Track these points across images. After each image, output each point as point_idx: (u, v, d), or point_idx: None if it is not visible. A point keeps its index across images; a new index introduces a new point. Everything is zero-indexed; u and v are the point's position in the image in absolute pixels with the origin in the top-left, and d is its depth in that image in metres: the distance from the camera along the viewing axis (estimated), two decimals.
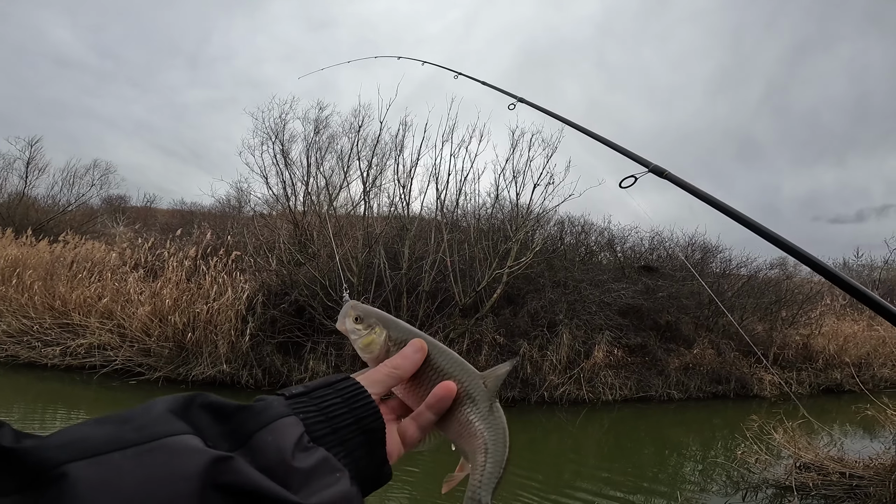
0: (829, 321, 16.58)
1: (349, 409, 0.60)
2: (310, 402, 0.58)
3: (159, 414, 0.48)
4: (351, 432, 0.58)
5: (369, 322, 0.77)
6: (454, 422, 0.73)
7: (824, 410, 12.18)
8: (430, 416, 0.70)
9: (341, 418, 0.58)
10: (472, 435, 0.72)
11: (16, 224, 18.38)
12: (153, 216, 27.85)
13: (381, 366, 0.71)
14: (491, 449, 0.72)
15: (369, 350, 0.76)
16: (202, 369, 10.46)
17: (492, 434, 0.72)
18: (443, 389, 0.71)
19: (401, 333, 0.76)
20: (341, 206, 14.90)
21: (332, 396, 0.60)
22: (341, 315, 0.80)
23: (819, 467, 6.39)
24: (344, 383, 0.62)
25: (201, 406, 0.52)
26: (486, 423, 0.73)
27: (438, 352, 0.75)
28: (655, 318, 14.36)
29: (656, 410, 12.04)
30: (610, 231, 17.20)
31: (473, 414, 0.73)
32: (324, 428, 0.57)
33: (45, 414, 8.55)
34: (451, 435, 0.74)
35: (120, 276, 12.29)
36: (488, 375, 0.76)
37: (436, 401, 0.70)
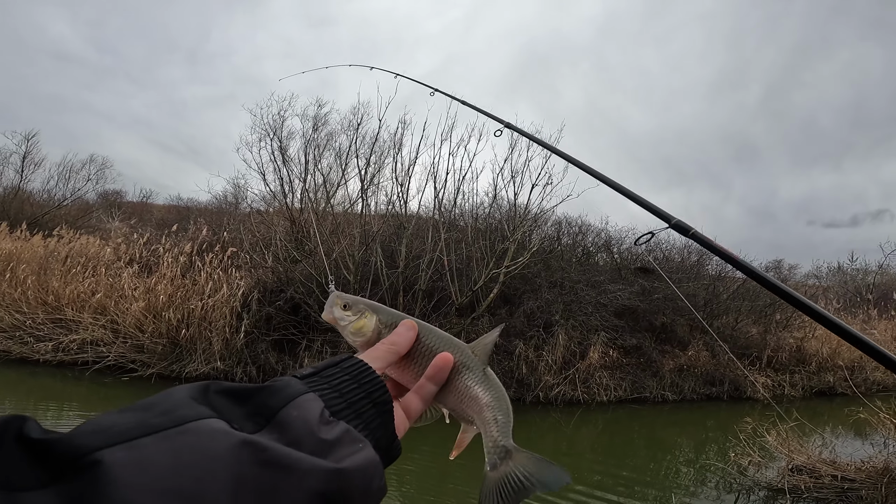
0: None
1: (359, 384, 0.62)
2: (321, 380, 0.60)
3: (181, 399, 0.49)
4: (364, 405, 0.61)
5: (358, 308, 0.81)
6: (453, 391, 0.77)
7: (816, 413, 12.23)
8: (431, 386, 0.75)
9: (353, 393, 0.61)
10: (474, 398, 0.77)
11: (10, 218, 18.23)
12: (149, 211, 27.68)
13: (379, 344, 0.75)
14: (495, 404, 0.77)
15: (361, 333, 0.79)
16: (196, 366, 10.41)
17: (493, 392, 0.78)
18: (441, 360, 0.75)
19: (390, 316, 0.80)
20: (339, 203, 14.89)
21: (341, 374, 0.62)
22: (328, 305, 0.82)
23: (811, 470, 6.41)
24: (349, 362, 0.65)
25: (217, 392, 0.53)
26: (484, 385, 0.77)
27: (427, 330, 0.79)
28: (651, 320, 14.40)
29: (650, 412, 12.06)
30: (607, 232, 17.25)
31: (470, 380, 0.77)
32: (340, 403, 0.59)
33: (36, 410, 8.47)
34: (451, 404, 0.78)
35: (114, 272, 12.23)
36: (476, 345, 0.81)
37: (435, 371, 0.74)
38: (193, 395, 0.51)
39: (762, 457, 7.22)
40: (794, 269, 25.51)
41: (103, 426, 0.44)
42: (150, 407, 0.47)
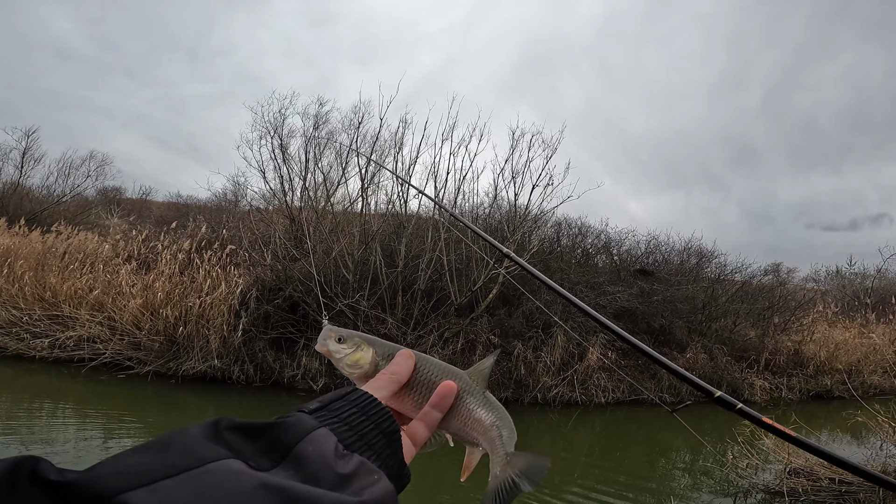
0: (820, 328, 16.69)
1: (367, 416, 0.63)
2: (330, 414, 0.61)
3: (196, 439, 0.49)
4: (374, 436, 0.62)
5: (353, 341, 0.82)
6: (456, 416, 0.80)
7: (814, 416, 12.23)
8: (436, 414, 0.77)
9: (363, 425, 0.62)
10: (477, 421, 0.80)
11: (9, 214, 18.21)
12: (148, 208, 27.68)
13: (380, 374, 0.77)
14: (500, 423, 0.82)
15: (358, 366, 0.80)
16: (193, 364, 10.37)
17: (495, 413, 0.82)
18: (445, 388, 0.77)
19: (386, 348, 0.82)
20: (339, 202, 14.86)
21: (349, 407, 0.63)
22: (322, 338, 0.83)
23: (809, 473, 6.41)
24: (355, 394, 0.65)
25: (228, 428, 0.53)
26: (487, 408, 0.81)
27: (424, 359, 0.81)
28: (649, 322, 14.39)
29: (648, 413, 12.05)
30: (607, 234, 17.25)
31: (472, 404, 0.80)
32: (351, 435, 0.59)
33: (31, 407, 8.44)
34: (454, 428, 0.81)
35: (112, 268, 12.19)
36: (473, 371, 0.84)
37: (440, 399, 0.77)
38: (207, 434, 0.51)
39: (760, 459, 7.21)
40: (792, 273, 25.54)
41: (124, 468, 0.44)
42: (168, 447, 0.47)
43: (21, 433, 7.29)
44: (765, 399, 13.38)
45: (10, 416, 7.96)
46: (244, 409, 9.78)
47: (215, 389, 10.20)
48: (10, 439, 6.97)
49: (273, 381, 10.71)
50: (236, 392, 10.22)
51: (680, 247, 17.49)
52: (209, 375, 10.36)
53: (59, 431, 7.63)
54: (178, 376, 10.27)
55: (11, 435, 7.16)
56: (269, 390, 10.50)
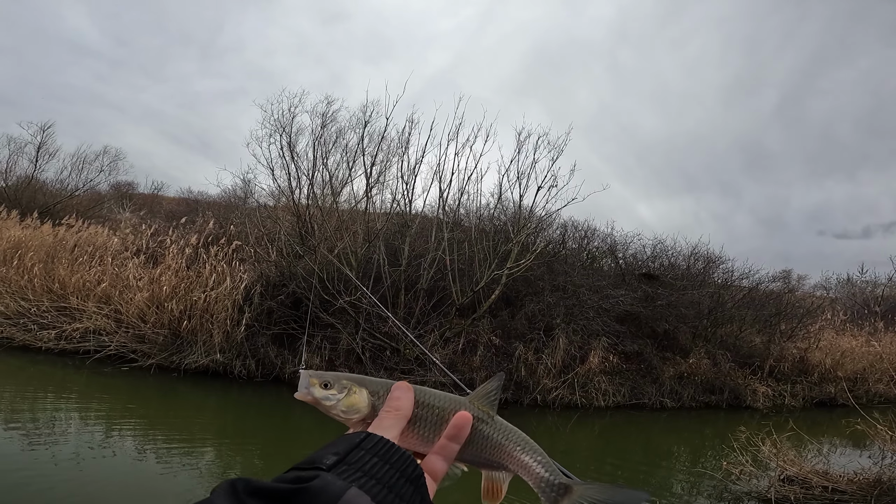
0: (827, 335, 16.51)
1: (391, 465, 0.60)
2: (352, 468, 0.58)
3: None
4: (403, 485, 0.59)
5: (342, 384, 0.77)
6: (471, 444, 0.76)
7: (816, 423, 12.14)
8: (453, 446, 0.74)
9: (389, 475, 0.59)
10: (498, 446, 0.78)
11: (22, 207, 18.49)
12: (159, 203, 27.99)
13: (383, 413, 0.73)
14: (526, 445, 0.79)
15: (355, 410, 0.76)
16: (195, 358, 10.49)
17: (515, 435, 0.79)
18: (461, 419, 0.74)
19: (378, 385, 0.78)
20: (345, 200, 14.94)
21: (370, 457, 0.60)
22: (302, 386, 0.79)
23: (803, 480, 6.36)
24: (371, 441, 0.62)
25: (248, 492, 0.49)
26: (504, 431, 0.79)
27: (422, 391, 0.78)
28: (653, 326, 14.32)
29: (648, 418, 12.00)
30: (613, 237, 17.15)
31: (488, 429, 0.78)
32: (382, 490, 0.56)
33: (35, 398, 8.57)
34: (470, 456, 0.77)
35: (121, 262, 12.35)
36: (476, 395, 0.81)
37: (457, 430, 0.74)
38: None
39: (754, 466, 7.17)
40: (802, 280, 25.33)
41: None
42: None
43: (25, 425, 7.40)
44: (767, 406, 13.27)
45: (13, 407, 8.09)
46: (245, 404, 9.88)
47: (217, 384, 10.30)
48: (14, 431, 7.07)
49: (274, 377, 10.80)
50: (237, 387, 10.33)
51: (687, 251, 17.35)
52: (211, 370, 10.47)
53: (62, 424, 7.72)
54: (180, 370, 10.40)
55: (15, 427, 7.27)
56: (270, 385, 10.59)
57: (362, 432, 0.64)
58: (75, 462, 6.37)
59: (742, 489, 7.03)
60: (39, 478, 5.83)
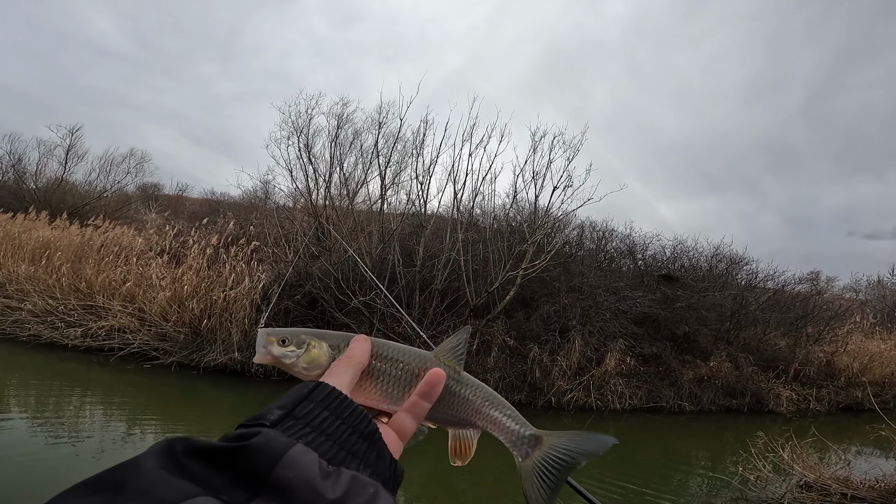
0: (856, 339, 16.03)
1: (341, 419, 0.56)
2: (299, 423, 0.54)
3: (155, 475, 0.42)
4: (355, 442, 0.55)
5: (300, 339, 0.75)
6: (440, 402, 0.74)
7: (841, 429, 11.81)
8: (424, 404, 0.71)
9: (339, 431, 0.55)
10: (465, 401, 0.76)
11: (52, 208, 19.13)
12: (183, 204, 28.62)
13: (337, 361, 0.71)
14: (494, 400, 0.77)
15: (316, 365, 0.73)
16: (215, 356, 10.70)
17: (482, 390, 0.77)
18: (434, 376, 0.72)
19: (339, 339, 0.76)
20: (362, 201, 15.08)
21: (319, 410, 0.56)
22: (259, 345, 0.77)
23: (822, 487, 6.19)
24: (320, 392, 0.58)
25: (187, 453, 0.46)
26: (471, 386, 0.77)
27: (383, 343, 0.76)
28: (673, 329, 14.10)
29: (665, 422, 11.81)
30: (631, 238, 16.92)
31: (456, 386, 0.76)
32: (332, 447, 0.53)
33: (61, 394, 8.85)
34: (438, 414, 0.76)
35: (145, 262, 12.67)
36: (441, 350, 0.78)
37: (430, 388, 0.71)
38: (164, 465, 0.44)
39: (772, 472, 7.01)
40: (831, 282, 24.64)
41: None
42: (122, 486, 0.41)
43: (49, 421, 7.64)
44: (790, 410, 12.94)
45: (39, 402, 8.38)
46: (261, 402, 9.97)
47: (234, 382, 10.49)
48: (38, 427, 7.32)
49: (290, 376, 10.90)
50: (254, 385, 10.50)
51: (709, 252, 17.03)
52: (229, 368, 10.66)
53: (86, 420, 7.97)
54: (199, 368, 10.61)
55: (40, 423, 7.52)
56: (286, 384, 10.66)
57: (312, 382, 0.60)
58: (97, 458, 6.57)
59: (758, 496, 6.89)
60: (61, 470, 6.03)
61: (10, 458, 6.12)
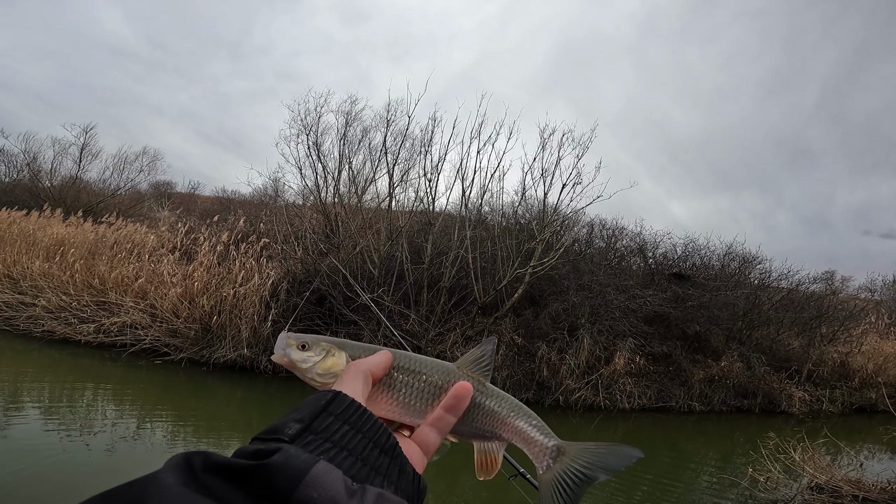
0: (871, 339, 15.78)
1: (362, 433, 0.54)
2: (319, 438, 0.52)
3: (176, 492, 0.40)
4: (377, 457, 0.54)
5: (321, 346, 0.74)
6: (465, 415, 0.73)
7: (854, 430, 11.65)
8: (450, 418, 0.70)
9: (360, 446, 0.53)
10: (491, 414, 0.74)
11: (67, 205, 19.38)
12: (195, 202, 28.89)
13: (346, 367, 0.70)
14: (520, 411, 0.76)
15: (331, 374, 0.72)
16: (224, 352, 10.79)
17: (508, 402, 0.76)
18: (461, 389, 0.70)
19: (361, 350, 0.74)
20: (370, 199, 15.12)
21: (339, 425, 0.54)
22: (279, 347, 0.75)
23: (832, 489, 6.10)
24: (339, 405, 0.56)
25: (206, 469, 0.44)
26: (496, 398, 0.76)
27: (407, 356, 0.75)
28: (684, 328, 13.96)
29: (675, 421, 11.71)
30: (642, 236, 16.77)
31: (481, 398, 0.74)
32: (354, 463, 0.51)
33: (73, 389, 8.97)
34: (464, 428, 0.74)
35: (157, 258, 12.80)
36: (464, 362, 0.77)
37: (455, 401, 0.70)
38: (184, 481, 0.42)
39: (783, 474, 6.92)
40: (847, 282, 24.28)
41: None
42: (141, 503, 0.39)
43: (63, 416, 7.74)
44: (803, 411, 12.78)
45: (53, 398, 8.50)
46: (270, 398, 10.11)
47: (244, 378, 10.57)
48: (51, 422, 7.42)
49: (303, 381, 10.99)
50: (263, 381, 10.57)
51: (721, 251, 16.84)
52: (238, 364, 10.75)
53: (98, 415, 8.08)
54: (209, 364, 10.71)
55: (53, 418, 7.62)
56: (295, 381, 10.59)
57: (329, 391, 0.58)
58: (109, 452, 6.66)
59: (768, 497, 6.80)
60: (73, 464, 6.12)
61: (26, 452, 6.21)
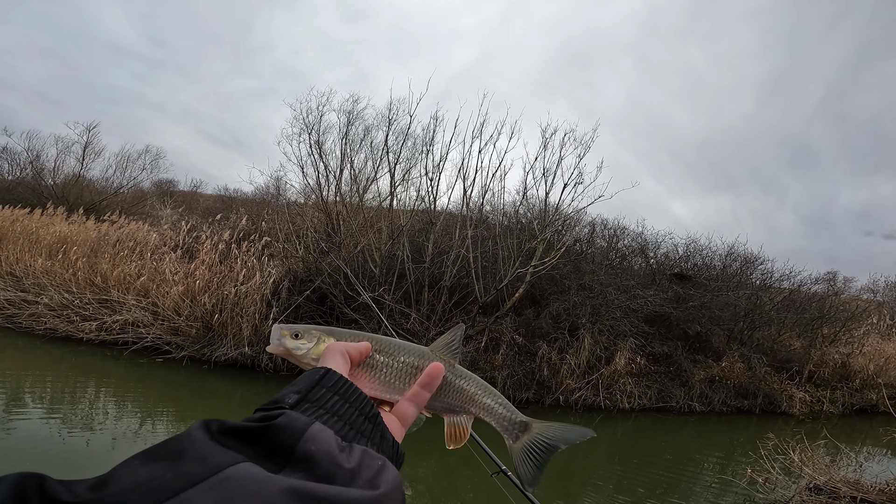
0: (872, 340, 15.75)
1: (349, 402, 0.64)
2: (314, 405, 0.61)
3: (207, 444, 0.48)
4: (361, 422, 0.63)
5: (311, 334, 0.83)
6: (438, 392, 0.83)
7: (854, 431, 11.63)
8: (425, 394, 0.81)
9: (348, 413, 0.62)
10: (460, 391, 0.86)
11: (69, 203, 19.43)
12: (197, 200, 28.89)
13: (328, 348, 0.79)
14: (486, 389, 0.88)
15: None
16: (225, 351, 10.82)
17: (475, 381, 0.87)
18: (434, 369, 0.82)
19: (346, 335, 0.83)
20: (372, 198, 15.13)
21: (331, 395, 0.63)
22: (274, 338, 0.83)
23: (831, 490, 6.10)
24: (330, 379, 0.65)
25: (221, 432, 0.52)
26: (465, 378, 0.87)
27: (386, 340, 0.84)
28: (685, 328, 13.96)
29: (675, 422, 11.71)
30: (643, 236, 16.76)
31: (452, 377, 0.85)
32: (343, 426, 0.60)
33: (75, 387, 9.00)
34: (436, 403, 0.85)
35: (159, 256, 12.83)
36: (438, 346, 0.88)
37: (430, 379, 0.81)
38: (211, 437, 0.50)
39: (781, 474, 6.92)
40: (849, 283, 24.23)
41: (141, 482, 0.43)
42: (180, 454, 0.46)
43: (64, 413, 7.77)
44: (803, 412, 12.76)
45: (54, 395, 8.53)
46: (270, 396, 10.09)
47: (245, 376, 10.60)
48: (53, 419, 7.45)
49: (299, 370, 10.97)
50: (264, 379, 10.60)
51: (723, 251, 16.82)
52: (239, 362, 10.78)
53: (99, 413, 8.11)
54: (210, 362, 10.74)
55: (55, 415, 7.66)
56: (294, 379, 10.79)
57: (321, 368, 0.67)
58: (110, 450, 6.69)
59: (766, 498, 6.80)
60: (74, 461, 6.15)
61: (27, 449, 6.25)
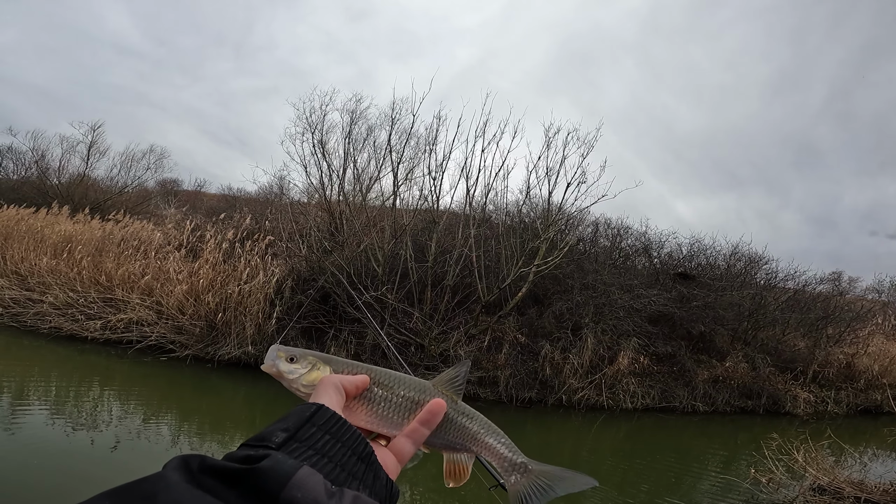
0: (877, 341, 15.66)
1: (342, 442, 0.60)
2: (303, 445, 0.57)
3: (182, 487, 0.46)
4: (354, 464, 0.60)
5: (307, 360, 0.79)
6: (438, 429, 0.79)
7: (859, 431, 11.59)
8: (423, 430, 0.77)
9: (340, 454, 0.59)
10: (462, 429, 0.81)
11: (74, 203, 19.53)
12: (201, 200, 29.05)
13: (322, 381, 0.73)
14: (490, 428, 0.83)
15: (315, 386, 0.75)
16: (229, 349, 10.85)
17: (478, 419, 0.83)
18: (435, 406, 0.78)
19: (345, 366, 0.80)
20: (375, 197, 15.14)
21: (321, 434, 0.59)
22: (269, 358, 0.80)
23: (835, 491, 6.08)
24: (321, 416, 0.62)
25: (202, 471, 0.49)
26: (468, 415, 0.83)
27: (386, 374, 0.81)
28: (688, 328, 13.92)
29: (678, 422, 11.68)
30: (647, 236, 16.71)
31: (454, 414, 0.81)
32: (334, 469, 0.57)
33: (80, 386, 9.05)
34: (436, 440, 0.81)
35: (163, 255, 12.87)
36: (440, 381, 0.84)
37: (430, 416, 0.77)
38: (188, 479, 0.47)
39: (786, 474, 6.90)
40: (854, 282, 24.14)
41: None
42: (151, 498, 0.44)
43: (68, 412, 7.82)
44: (808, 412, 12.71)
45: (59, 394, 8.58)
46: (273, 395, 10.15)
47: (248, 375, 10.62)
48: (57, 418, 7.50)
49: None
50: (266, 378, 10.53)
51: (727, 251, 16.75)
52: (243, 361, 10.80)
53: (103, 411, 8.15)
54: (214, 361, 10.77)
55: (59, 413, 7.70)
56: None
57: (313, 405, 0.63)
58: (113, 449, 6.72)
59: (769, 498, 6.78)
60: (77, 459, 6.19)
61: (32, 448, 6.29)
